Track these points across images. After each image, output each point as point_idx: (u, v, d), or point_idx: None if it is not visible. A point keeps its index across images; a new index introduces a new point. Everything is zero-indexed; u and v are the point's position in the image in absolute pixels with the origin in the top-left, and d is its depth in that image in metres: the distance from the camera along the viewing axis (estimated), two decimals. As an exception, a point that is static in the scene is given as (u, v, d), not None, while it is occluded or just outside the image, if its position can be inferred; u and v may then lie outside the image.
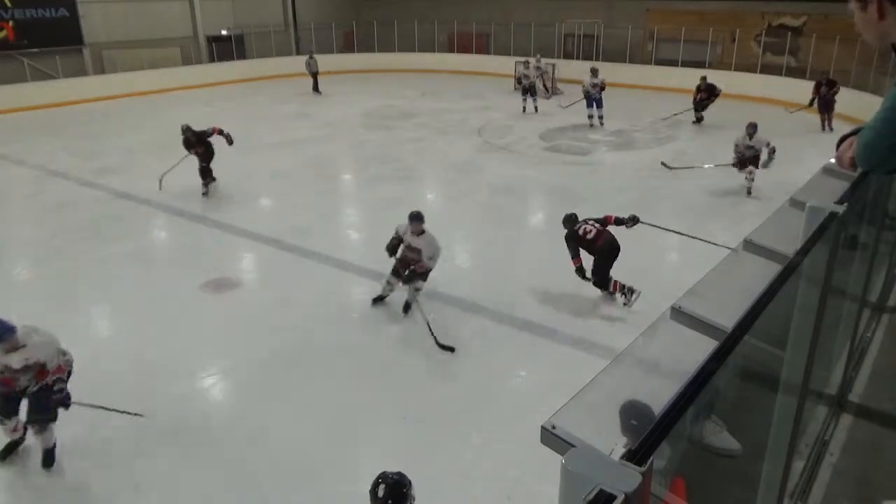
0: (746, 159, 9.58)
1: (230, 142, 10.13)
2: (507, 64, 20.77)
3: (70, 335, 6.15)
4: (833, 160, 1.71)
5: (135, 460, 4.50)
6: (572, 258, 6.46)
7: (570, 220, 6.57)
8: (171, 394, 5.26)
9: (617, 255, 6.42)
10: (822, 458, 2.52)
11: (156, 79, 21.01)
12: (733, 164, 9.72)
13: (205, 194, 10.13)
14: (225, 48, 23.81)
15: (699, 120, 14.83)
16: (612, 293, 6.49)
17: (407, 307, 6.38)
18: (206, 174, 10.17)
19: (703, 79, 14.57)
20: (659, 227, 6.97)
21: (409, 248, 6.22)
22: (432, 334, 5.77)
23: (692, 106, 14.73)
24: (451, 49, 24.23)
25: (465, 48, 23.92)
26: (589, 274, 6.48)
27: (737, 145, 9.65)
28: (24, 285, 7.63)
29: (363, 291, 6.93)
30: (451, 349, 5.68)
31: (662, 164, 10.65)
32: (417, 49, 24.16)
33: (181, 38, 22.96)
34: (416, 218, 6.08)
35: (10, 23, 19.76)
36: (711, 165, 10.21)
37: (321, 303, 6.71)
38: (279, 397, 5.18)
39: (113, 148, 13.84)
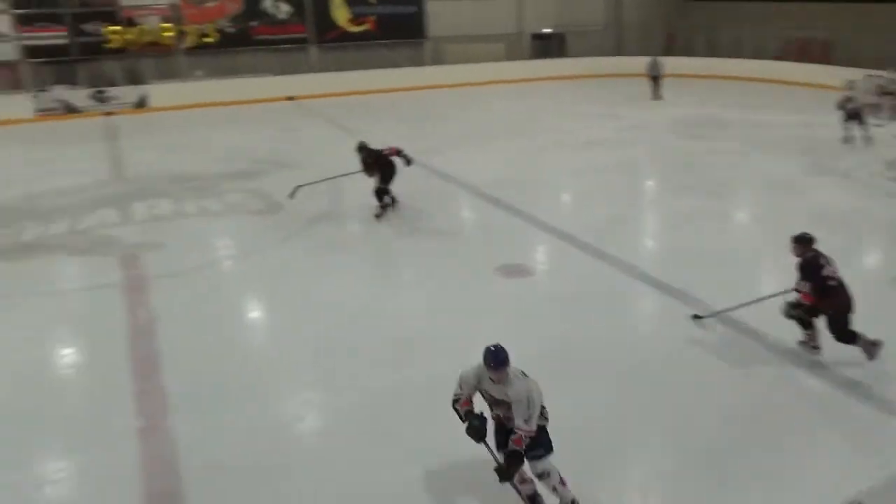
0: None
1: (408, 163, 9.27)
2: (853, 77, 18.14)
3: (365, 298, 7.06)
4: None
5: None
6: (804, 291, 5.24)
7: (808, 242, 5.31)
8: (444, 367, 5.68)
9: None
10: None
11: (483, 72, 22.77)
12: None
13: (378, 216, 9.33)
14: (546, 46, 24.81)
15: None
16: (875, 345, 5.31)
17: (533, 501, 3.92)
18: (382, 195, 9.35)
19: None
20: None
21: (492, 400, 3.81)
22: None
23: None
24: (785, 57, 21.91)
25: (802, 56, 21.45)
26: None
27: None
28: (347, 245, 8.91)
29: (649, 300, 6.78)
30: None
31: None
32: (745, 55, 22.32)
33: (507, 34, 24.46)
34: (496, 362, 3.60)
35: (374, 17, 23.02)
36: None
37: (606, 303, 6.70)
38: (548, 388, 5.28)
39: (438, 131, 15.45)
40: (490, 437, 3.79)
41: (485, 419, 3.77)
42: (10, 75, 19.92)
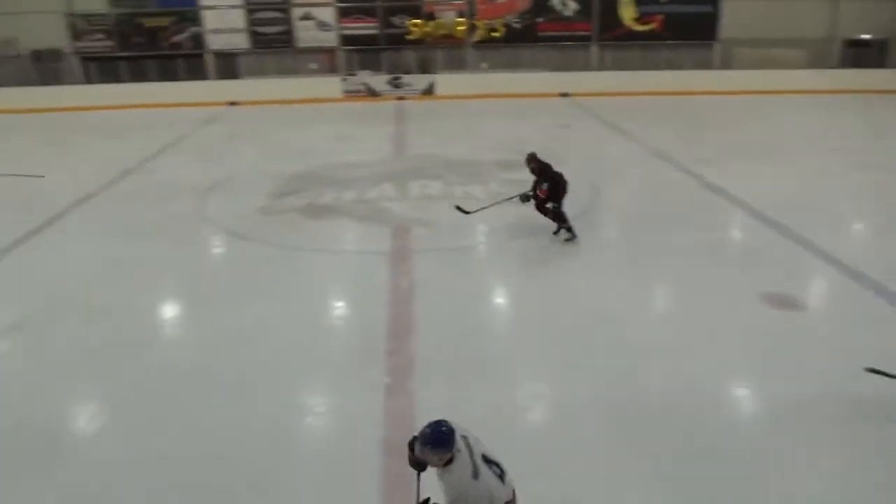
0: None
1: (527, 200, 8.45)
2: None
3: (611, 301, 6.90)
4: None
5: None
6: None
7: None
8: (681, 384, 5.35)
9: None
10: None
11: (779, 79, 20.78)
12: None
13: (568, 240, 8.45)
14: (862, 54, 21.70)
15: None
16: None
17: None
18: (558, 216, 8.41)
19: None
20: None
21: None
22: None
23: None
24: None
25: None
26: None
27: None
28: (599, 244, 8.77)
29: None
30: None
31: None
32: None
33: (812, 39, 21.89)
34: (430, 440, 2.90)
35: (662, 16, 22.19)
36: None
37: (886, 356, 5.71)
38: (783, 440, 4.70)
39: (718, 141, 14.49)
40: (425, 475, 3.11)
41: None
42: (328, 60, 23.16)
